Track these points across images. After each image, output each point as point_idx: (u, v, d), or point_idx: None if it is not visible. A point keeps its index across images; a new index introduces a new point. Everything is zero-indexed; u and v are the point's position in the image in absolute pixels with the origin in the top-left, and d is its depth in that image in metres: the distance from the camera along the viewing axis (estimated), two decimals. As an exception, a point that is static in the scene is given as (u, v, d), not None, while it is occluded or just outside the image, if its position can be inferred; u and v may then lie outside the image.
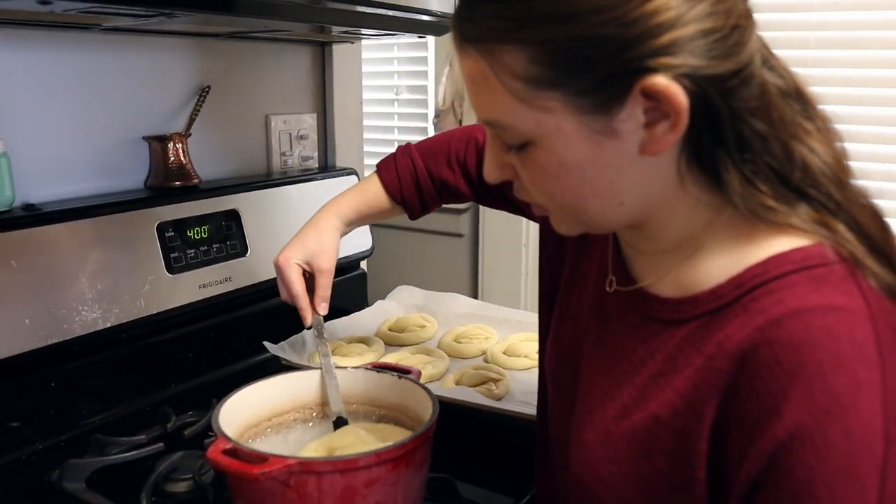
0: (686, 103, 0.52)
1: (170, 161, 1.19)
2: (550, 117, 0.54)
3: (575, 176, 0.57)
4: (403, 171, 1.04)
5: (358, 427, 0.81)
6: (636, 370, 0.61)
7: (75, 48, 1.10)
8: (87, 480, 0.88)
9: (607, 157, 0.55)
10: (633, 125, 0.54)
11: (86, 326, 1.02)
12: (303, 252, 0.98)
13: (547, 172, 0.58)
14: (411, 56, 2.52)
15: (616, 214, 0.60)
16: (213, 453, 0.66)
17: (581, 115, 0.54)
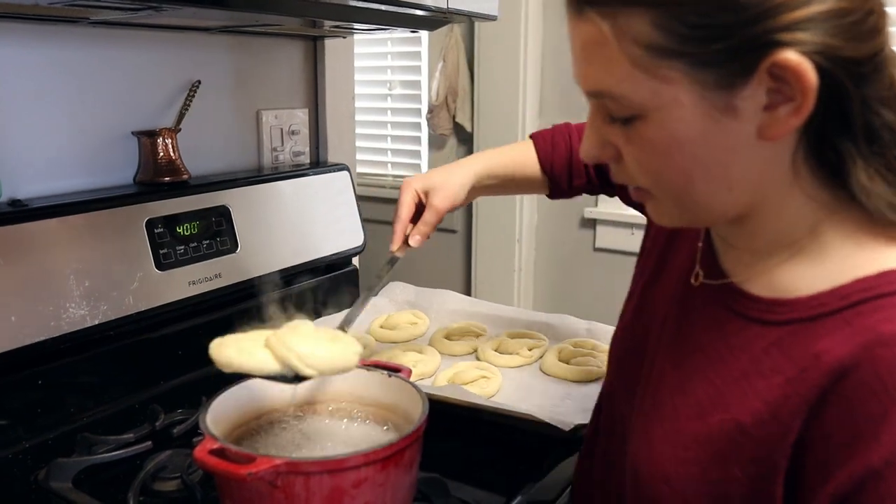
0: (815, 84, 0.49)
1: (159, 156, 1.18)
2: (669, 88, 0.51)
3: (686, 154, 0.54)
4: (559, 139, 1.00)
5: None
6: (713, 366, 0.59)
7: (63, 42, 1.09)
8: (74, 480, 0.87)
9: (723, 137, 0.52)
10: (754, 105, 0.51)
11: (73, 324, 1.00)
12: (425, 181, 0.95)
13: (656, 149, 0.55)
14: (405, 51, 2.51)
15: (723, 202, 0.56)
16: (200, 453, 0.65)
17: (702, 88, 0.51)
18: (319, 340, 0.71)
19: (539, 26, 2.21)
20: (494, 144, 2.24)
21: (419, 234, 0.95)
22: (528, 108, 2.22)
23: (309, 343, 0.70)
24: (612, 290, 2.24)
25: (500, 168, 0.99)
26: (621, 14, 0.51)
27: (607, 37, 0.52)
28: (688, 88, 0.51)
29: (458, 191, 0.95)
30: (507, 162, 1.00)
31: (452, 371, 1.09)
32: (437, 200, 0.94)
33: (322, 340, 0.71)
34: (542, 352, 1.18)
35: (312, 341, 0.70)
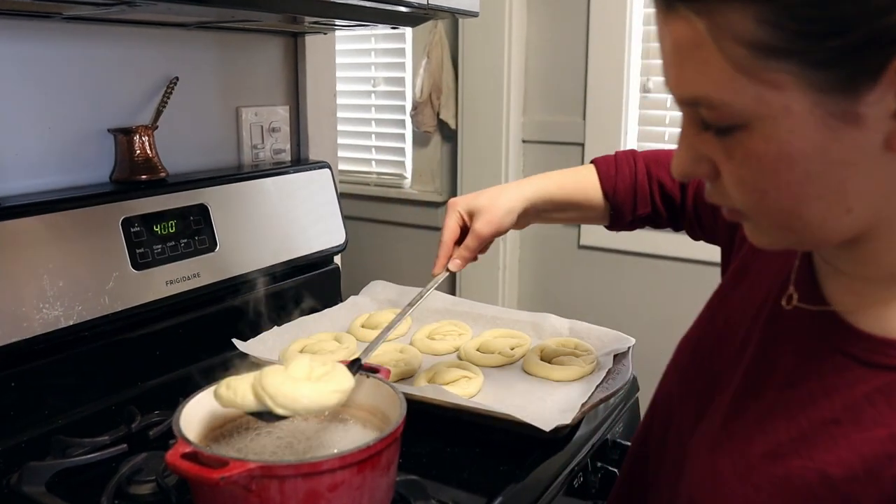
0: None
1: (136, 154, 1.17)
2: (777, 94, 0.45)
3: (798, 171, 0.47)
4: (623, 164, 0.93)
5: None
6: (800, 405, 0.53)
7: (36, 37, 1.07)
8: (48, 483, 0.85)
9: (842, 150, 0.45)
10: (881, 111, 0.44)
11: (47, 324, 0.99)
12: (470, 203, 0.91)
13: (762, 165, 0.47)
14: (388, 48, 2.49)
15: (838, 225, 0.49)
16: (173, 457, 0.64)
17: (818, 93, 0.44)
18: (298, 381, 0.70)
19: (523, 23, 2.20)
20: (479, 142, 2.25)
21: (459, 258, 0.91)
22: (513, 105, 2.22)
23: (286, 383, 0.69)
24: (596, 287, 2.25)
25: (555, 192, 0.93)
26: (720, 9, 0.44)
27: (703, 36, 0.45)
28: (800, 94, 0.44)
29: (504, 216, 0.90)
30: (564, 185, 0.93)
31: (434, 371, 1.08)
32: (479, 225, 0.89)
33: (301, 381, 0.70)
34: (524, 351, 1.17)
35: (290, 381, 0.70)
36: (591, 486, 0.99)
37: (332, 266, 1.48)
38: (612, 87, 2.09)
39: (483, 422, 0.94)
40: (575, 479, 0.96)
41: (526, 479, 0.88)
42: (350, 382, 0.73)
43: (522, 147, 2.28)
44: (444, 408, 0.94)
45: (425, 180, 2.46)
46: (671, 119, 2.06)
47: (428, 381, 1.06)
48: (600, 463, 1.02)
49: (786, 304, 0.59)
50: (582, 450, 0.98)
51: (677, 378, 0.71)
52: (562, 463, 0.94)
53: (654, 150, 0.95)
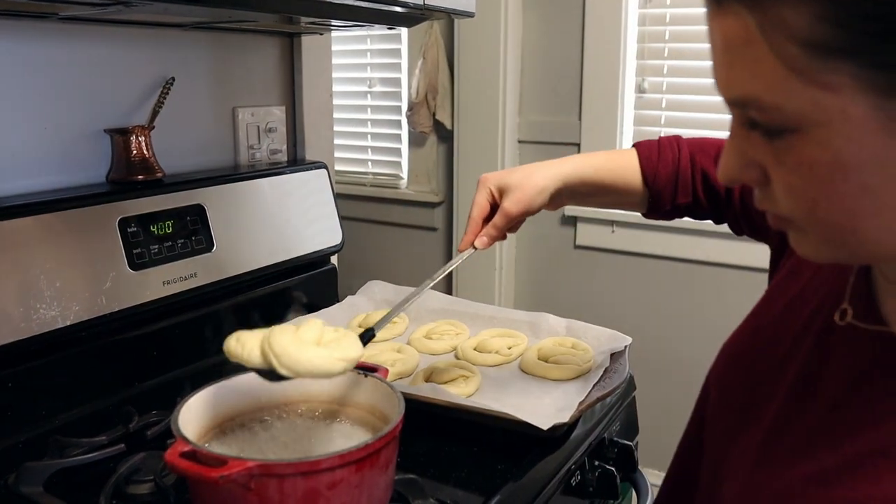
0: None
1: (132, 154, 1.17)
2: (834, 98, 0.41)
3: (854, 183, 0.43)
4: (666, 149, 0.88)
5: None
6: (847, 431, 0.50)
7: (32, 38, 1.07)
8: (45, 484, 0.85)
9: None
10: None
11: (43, 325, 0.99)
12: (500, 180, 0.88)
13: (815, 174, 0.44)
14: (385, 48, 2.50)
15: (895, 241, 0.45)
16: (171, 456, 0.64)
17: (878, 97, 0.40)
18: (305, 343, 0.69)
19: (518, 23, 2.20)
20: (475, 142, 2.26)
21: (487, 236, 0.88)
22: (509, 105, 2.22)
23: (293, 344, 0.69)
24: (592, 287, 2.25)
25: (592, 173, 0.88)
26: (773, 4, 0.41)
27: (754, 33, 0.42)
28: (858, 97, 0.41)
29: (535, 195, 0.85)
30: (602, 167, 0.88)
31: (431, 370, 1.08)
32: (508, 203, 0.86)
33: (309, 343, 0.69)
34: (521, 350, 1.17)
35: (297, 343, 0.69)
36: (589, 485, 0.99)
37: (329, 266, 1.48)
38: (608, 88, 2.09)
39: (481, 421, 0.94)
40: (572, 478, 0.96)
41: (523, 478, 0.88)
42: (358, 352, 0.72)
43: (518, 147, 2.28)
44: (442, 407, 0.95)
45: (421, 181, 2.47)
46: (666, 119, 2.07)
47: (425, 381, 1.06)
48: (597, 461, 1.02)
49: (838, 320, 0.55)
50: (579, 448, 0.98)
51: (718, 385, 0.68)
52: (559, 461, 0.94)
53: (701, 138, 0.90)
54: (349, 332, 0.75)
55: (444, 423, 0.95)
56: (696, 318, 2.08)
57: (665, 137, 0.91)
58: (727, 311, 2.02)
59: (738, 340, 0.69)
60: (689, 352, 2.09)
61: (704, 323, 2.06)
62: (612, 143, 2.10)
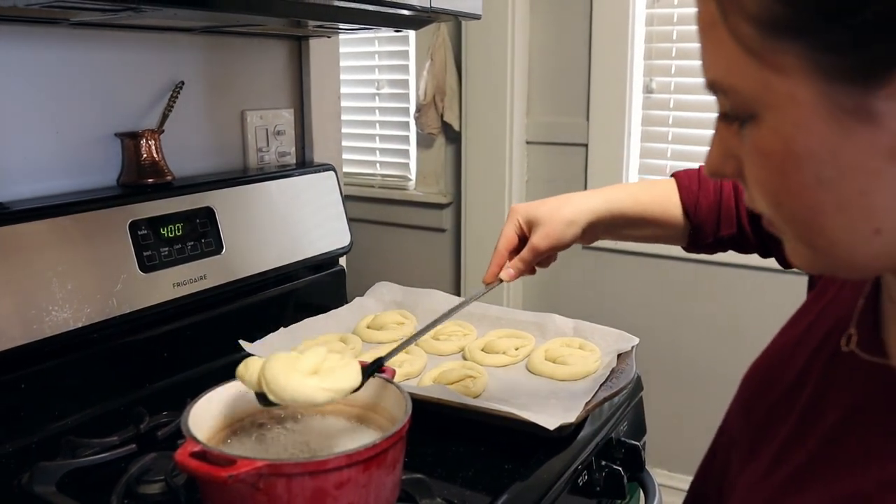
0: None
1: (142, 158, 1.18)
2: (784, 81, 0.39)
3: (808, 175, 0.40)
4: (706, 178, 0.82)
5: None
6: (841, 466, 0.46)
7: (44, 44, 1.08)
8: (58, 483, 0.86)
9: (857, 153, 0.38)
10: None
11: (56, 327, 1.00)
12: (529, 212, 0.84)
13: (770, 164, 0.42)
14: (392, 50, 2.50)
15: (869, 249, 0.41)
16: (181, 456, 0.65)
17: (827, 82, 0.38)
18: (295, 372, 0.71)
19: (526, 25, 2.21)
20: (483, 143, 2.26)
21: (514, 268, 0.85)
22: (516, 106, 2.22)
23: (283, 372, 0.71)
24: (600, 287, 2.25)
25: (629, 205, 0.83)
26: None
27: (716, 15, 0.41)
28: (806, 81, 0.38)
29: (564, 229, 0.82)
30: (639, 198, 0.83)
31: (438, 371, 1.09)
32: (536, 237, 0.83)
33: (300, 372, 0.72)
34: (528, 351, 1.18)
35: (287, 371, 0.71)
36: (596, 485, 1.00)
37: (338, 268, 1.49)
38: (616, 88, 2.09)
39: (488, 421, 0.94)
40: (579, 478, 0.97)
41: (530, 478, 0.89)
42: (351, 383, 0.74)
43: (526, 148, 2.28)
44: (450, 407, 0.95)
45: (429, 182, 2.47)
46: (674, 119, 2.06)
47: (433, 381, 1.06)
48: (605, 461, 1.02)
49: (844, 346, 0.51)
50: (586, 448, 0.99)
51: (739, 404, 0.65)
52: (566, 461, 0.95)
53: None
54: (353, 361, 0.76)
55: (452, 423, 0.96)
56: (704, 318, 2.08)
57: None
58: (735, 312, 2.03)
59: (763, 359, 0.65)
60: (697, 352, 2.09)
61: (712, 323, 2.06)
62: (620, 144, 2.11)
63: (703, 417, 2.20)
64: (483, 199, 2.30)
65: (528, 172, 2.30)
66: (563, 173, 2.24)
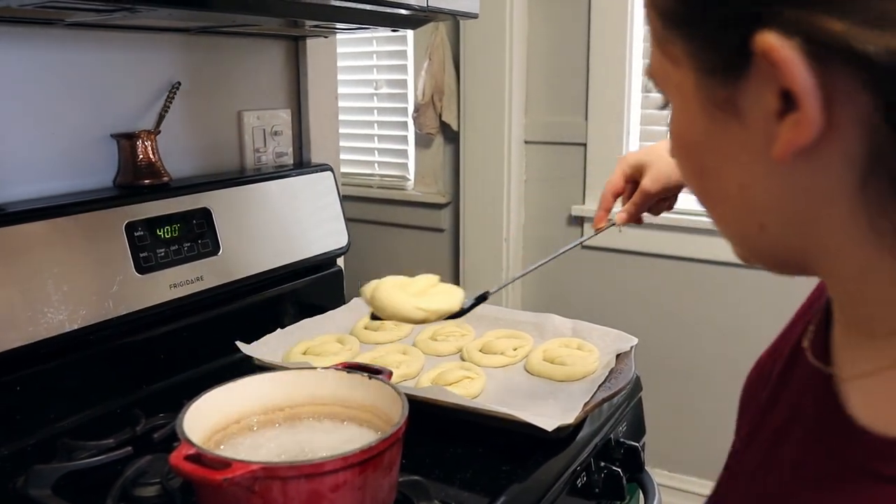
0: (809, 84, 0.33)
1: (139, 159, 1.17)
2: (675, 70, 0.39)
3: (696, 163, 0.41)
4: None
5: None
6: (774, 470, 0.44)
7: (39, 44, 1.08)
8: (54, 486, 0.86)
9: (732, 147, 0.38)
10: (761, 108, 0.36)
11: (52, 329, 0.99)
12: (638, 157, 0.86)
13: (674, 148, 0.43)
14: (390, 50, 2.50)
15: (759, 244, 0.41)
16: (176, 459, 0.65)
17: (703, 74, 0.38)
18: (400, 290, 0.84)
19: (524, 24, 2.20)
20: (481, 143, 2.26)
21: (625, 212, 0.87)
22: (515, 105, 2.22)
23: (390, 289, 0.84)
24: (599, 287, 2.25)
25: None
26: None
27: (647, 9, 0.42)
28: (689, 72, 0.39)
29: (673, 169, 0.82)
30: None
31: (436, 371, 1.09)
32: (646, 181, 0.84)
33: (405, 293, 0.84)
34: (527, 351, 1.17)
35: (394, 289, 0.84)
36: (595, 486, 0.99)
37: (335, 268, 1.49)
38: (614, 87, 2.09)
39: (486, 422, 0.94)
40: (578, 479, 0.96)
41: (528, 480, 0.88)
42: (448, 307, 0.81)
43: (525, 148, 2.28)
44: (447, 408, 0.95)
45: (428, 182, 2.47)
46: (673, 118, 2.06)
47: (431, 382, 1.06)
48: (603, 462, 1.02)
49: (804, 343, 0.48)
50: (585, 449, 0.98)
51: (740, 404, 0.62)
52: (565, 463, 0.94)
53: None
54: (458, 290, 0.84)
55: (449, 424, 0.95)
56: (703, 318, 2.07)
57: None
58: (735, 312, 2.02)
59: (761, 358, 0.63)
60: (697, 352, 2.09)
61: (712, 323, 2.06)
62: (618, 143, 2.10)
63: (703, 418, 2.21)
64: (482, 198, 2.29)
65: (527, 172, 2.29)
66: (562, 173, 2.23)
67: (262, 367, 1.07)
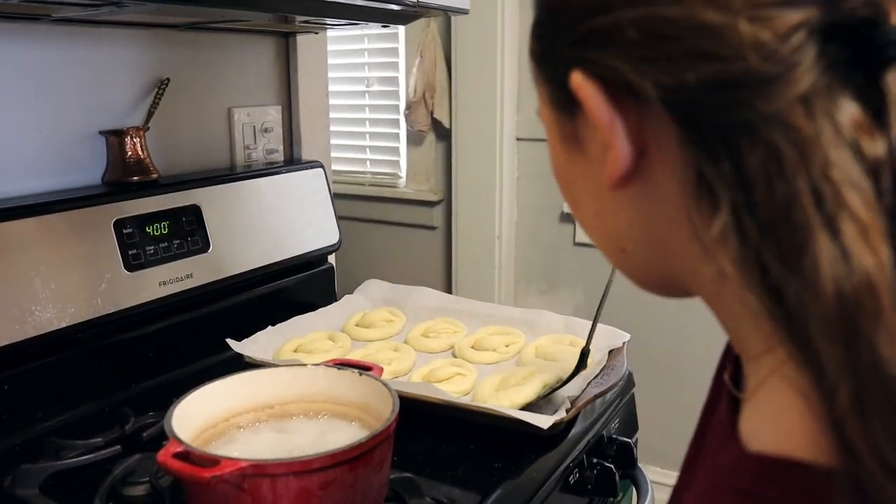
0: (607, 118, 0.36)
1: (127, 156, 1.16)
2: (542, 107, 0.43)
3: (567, 193, 0.45)
4: None
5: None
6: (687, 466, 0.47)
7: (25, 40, 1.07)
8: (41, 486, 0.85)
9: (582, 177, 0.42)
10: (596, 141, 0.39)
11: (39, 327, 0.98)
12: None
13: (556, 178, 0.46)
14: (382, 47, 2.49)
15: (625, 266, 0.44)
16: (164, 456, 0.64)
17: (554, 109, 0.42)
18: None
19: (516, 21, 2.20)
20: (473, 140, 2.25)
21: None
22: (506, 103, 2.21)
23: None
24: (592, 284, 2.24)
25: None
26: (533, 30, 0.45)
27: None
28: (546, 105, 0.43)
29: None
30: None
31: (428, 368, 1.08)
32: None
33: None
34: (519, 348, 1.17)
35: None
36: (587, 483, 0.99)
37: (326, 266, 1.48)
38: (606, 84, 2.08)
39: (478, 419, 0.93)
40: (571, 476, 0.96)
41: (521, 476, 0.88)
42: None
43: (517, 145, 2.27)
44: (439, 405, 0.94)
45: (420, 180, 2.46)
46: (665, 115, 2.06)
47: (422, 379, 1.05)
48: (596, 459, 1.02)
49: (726, 369, 0.48)
50: (577, 446, 0.98)
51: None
52: (557, 459, 0.94)
53: None
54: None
55: (441, 421, 0.95)
56: (696, 314, 2.07)
57: None
58: (728, 307, 2.01)
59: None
60: (690, 348, 2.09)
61: (704, 319, 2.04)
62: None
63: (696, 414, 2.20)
64: (474, 196, 2.29)
65: (519, 169, 2.29)
66: (554, 170, 2.23)
67: (253, 365, 1.06)
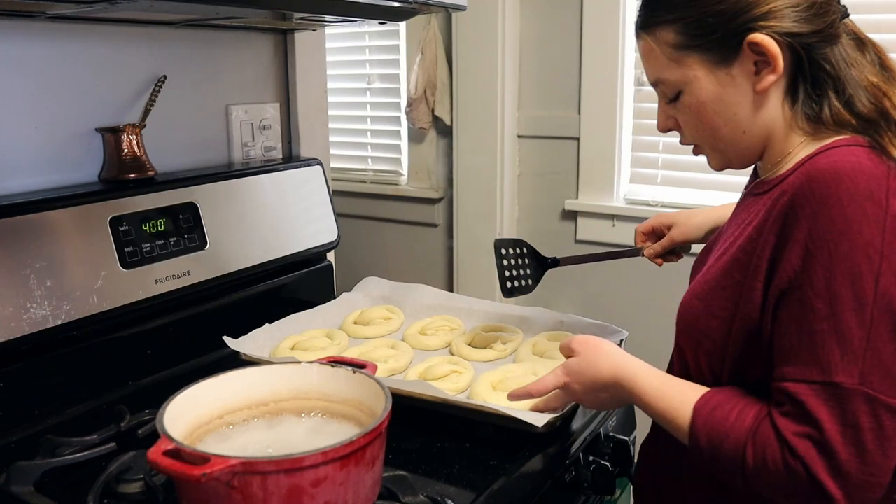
0: (778, 51, 0.75)
1: (124, 153, 1.16)
2: (690, 70, 0.80)
3: (709, 111, 0.81)
4: None
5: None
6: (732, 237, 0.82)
7: (20, 37, 1.07)
8: (36, 483, 0.85)
9: (730, 96, 0.79)
10: (745, 71, 0.78)
11: (35, 324, 0.98)
12: (669, 217, 1.15)
13: (691, 111, 0.82)
14: (383, 44, 2.49)
15: (742, 142, 0.82)
16: (154, 454, 0.64)
17: (710, 66, 0.79)
18: None
19: (517, 18, 2.19)
20: (474, 137, 2.24)
21: (653, 250, 1.16)
22: (507, 100, 2.21)
23: None
24: (588, 281, 2.24)
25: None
26: (656, 29, 0.82)
27: (652, 46, 0.83)
28: (701, 68, 0.80)
29: (694, 229, 1.13)
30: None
31: (424, 366, 1.08)
32: (674, 232, 1.14)
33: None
34: (516, 346, 1.16)
35: None
36: (584, 480, 0.99)
37: (325, 263, 1.48)
38: (607, 81, 2.08)
39: (473, 417, 0.93)
40: (567, 474, 0.96)
41: (516, 474, 0.88)
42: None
43: (518, 142, 2.27)
44: (434, 403, 0.94)
45: (421, 177, 2.46)
46: (666, 112, 2.05)
47: (419, 377, 1.05)
48: (593, 457, 1.01)
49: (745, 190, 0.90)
50: (574, 444, 0.98)
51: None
52: (554, 457, 0.93)
53: None
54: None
55: (437, 419, 0.95)
56: (697, 311, 2.06)
57: None
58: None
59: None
60: (692, 346, 2.08)
61: (706, 316, 2.04)
62: (611, 137, 2.09)
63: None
64: (475, 193, 2.28)
65: (520, 166, 2.28)
66: (555, 167, 2.22)
67: (249, 363, 1.06)
